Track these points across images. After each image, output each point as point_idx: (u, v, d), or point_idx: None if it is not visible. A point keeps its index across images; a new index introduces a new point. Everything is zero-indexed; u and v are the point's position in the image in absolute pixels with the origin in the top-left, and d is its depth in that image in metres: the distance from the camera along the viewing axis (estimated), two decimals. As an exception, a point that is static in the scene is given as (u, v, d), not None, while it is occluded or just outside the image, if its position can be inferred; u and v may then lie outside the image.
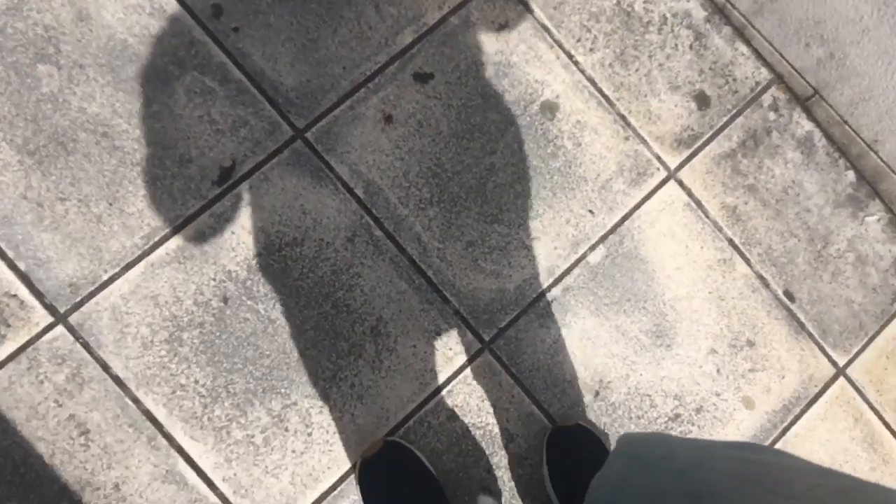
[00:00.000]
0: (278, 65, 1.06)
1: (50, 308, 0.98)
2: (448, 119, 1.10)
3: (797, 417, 1.13)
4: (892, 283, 1.18)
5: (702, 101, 1.16)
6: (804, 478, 0.44)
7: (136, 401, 0.99)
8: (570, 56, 1.14)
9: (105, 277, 1.00)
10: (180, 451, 0.99)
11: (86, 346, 0.98)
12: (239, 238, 1.03)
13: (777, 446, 1.13)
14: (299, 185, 1.05)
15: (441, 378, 1.06)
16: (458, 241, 1.09)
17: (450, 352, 1.06)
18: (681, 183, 1.15)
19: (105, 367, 0.98)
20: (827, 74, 1.11)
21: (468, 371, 1.06)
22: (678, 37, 1.17)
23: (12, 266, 0.97)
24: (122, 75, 1.02)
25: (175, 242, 1.02)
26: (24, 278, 0.97)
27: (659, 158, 1.15)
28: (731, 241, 1.16)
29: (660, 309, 1.12)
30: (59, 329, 0.98)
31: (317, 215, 1.05)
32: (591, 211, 1.12)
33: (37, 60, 1.00)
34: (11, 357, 0.96)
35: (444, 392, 1.06)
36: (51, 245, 0.98)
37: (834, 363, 1.16)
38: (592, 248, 1.12)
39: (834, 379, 1.15)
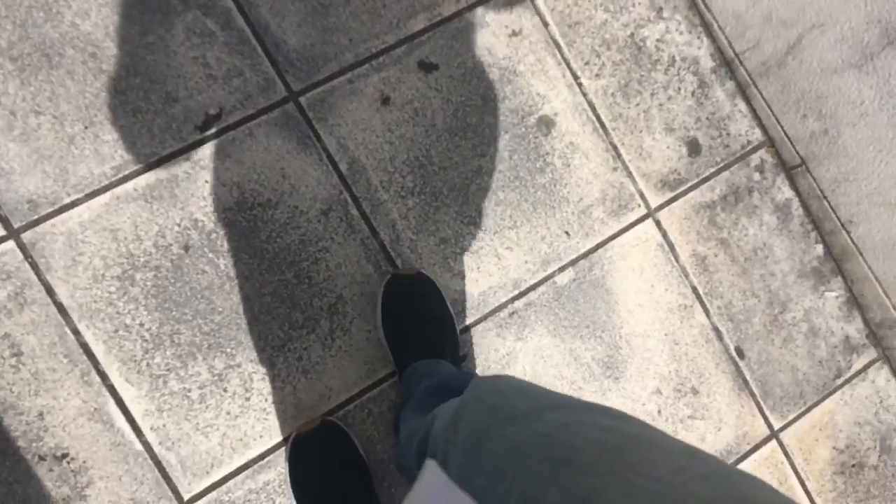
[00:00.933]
0: (285, 22, 1.04)
1: (3, 220, 0.94)
2: (445, 113, 1.10)
3: (724, 471, 1.15)
4: (837, 360, 1.21)
5: (693, 147, 1.18)
6: (669, 458, 0.43)
7: (76, 332, 0.96)
8: (576, 77, 1.15)
9: (67, 201, 0.96)
10: (112, 391, 0.97)
11: (34, 266, 0.95)
12: (212, 189, 1.01)
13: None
14: (283, 148, 1.04)
15: (390, 368, 1.05)
16: (433, 236, 1.08)
17: (402, 344, 1.05)
18: (658, 223, 1.16)
19: (50, 292, 0.95)
20: (817, 148, 1.13)
21: (416, 366, 1.06)
22: (683, 81, 1.18)
23: (-28, 171, 0.93)
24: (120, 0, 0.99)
25: (145, 180, 0.99)
26: (-17, 186, 0.94)
27: (642, 195, 1.16)
28: (694, 289, 1.17)
29: (615, 341, 1.13)
30: (10, 244, 0.94)
31: (295, 181, 1.03)
32: (567, 232, 1.13)
33: (39, -34, 0.96)
34: (-47, 263, 0.92)
35: (389, 383, 1.05)
36: (16, 157, 0.95)
37: (770, 425, 1.18)
38: (562, 269, 1.12)
39: (767, 440, 1.18)
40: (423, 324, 1.00)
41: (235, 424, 1.00)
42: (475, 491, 0.50)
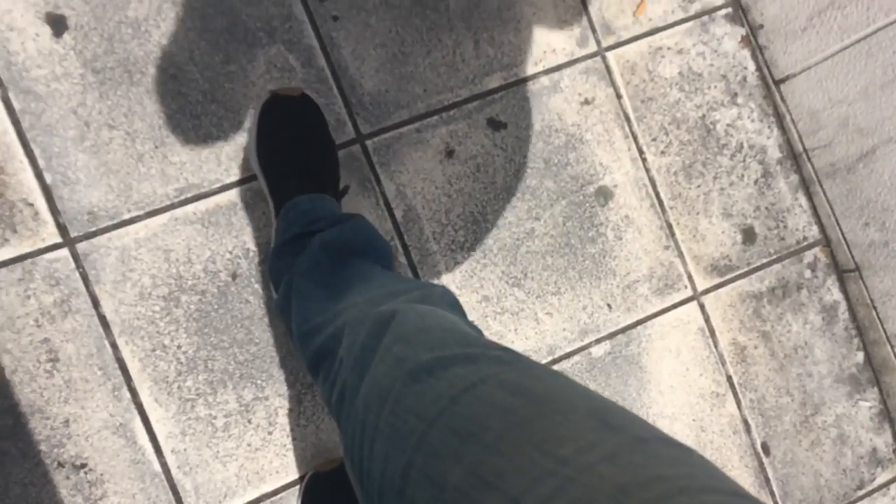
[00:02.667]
0: (364, 66, 1.05)
1: (62, 228, 0.95)
2: (506, 172, 1.09)
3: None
4: (862, 471, 1.20)
5: (748, 236, 1.17)
6: (579, 433, 0.39)
7: (114, 346, 0.96)
8: (641, 152, 1.14)
9: (126, 217, 0.97)
10: (140, 409, 0.97)
11: (84, 277, 0.96)
12: (268, 220, 1.01)
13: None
14: (343, 189, 1.04)
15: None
16: (476, 293, 1.08)
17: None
18: (702, 307, 1.16)
19: (95, 304, 0.96)
20: (874, 258, 1.12)
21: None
22: (747, 168, 1.17)
23: (39, 175, 0.94)
24: (210, 25, 0.99)
25: (206, 205, 0.99)
26: (47, 191, 0.95)
27: (690, 277, 1.15)
28: (729, 378, 1.16)
29: (644, 423, 1.12)
30: (64, 252, 0.95)
31: (350, 223, 1.04)
32: (609, 305, 1.12)
33: (131, -19, 0.97)
34: (7, 263, 0.93)
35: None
36: (84, 167, 0.96)
37: (786, 528, 1.17)
38: (599, 340, 1.12)
39: (781, 543, 1.16)
40: (306, 152, 0.91)
41: (255, 457, 1.01)
42: (374, 459, 0.48)
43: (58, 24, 0.95)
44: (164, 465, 0.98)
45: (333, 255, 0.79)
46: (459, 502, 0.40)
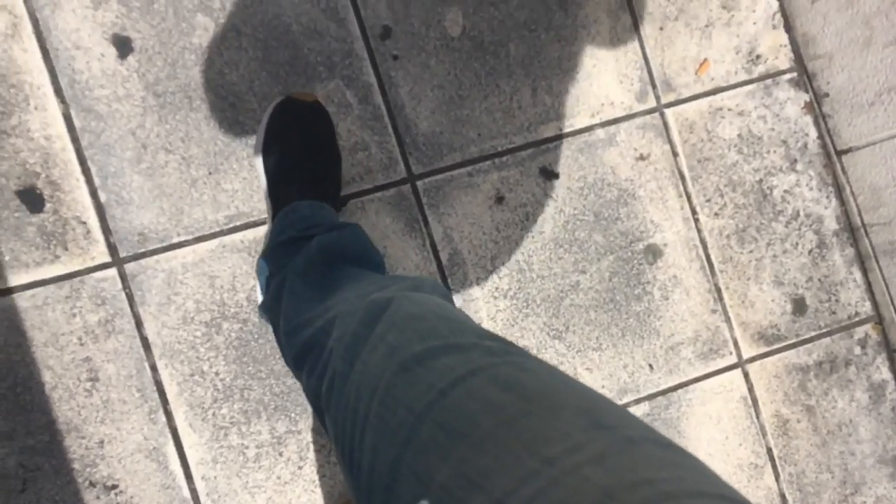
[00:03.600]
0: (420, 106, 1.04)
1: (112, 248, 0.96)
2: (555, 223, 1.08)
3: None
4: (904, 558, 1.15)
5: (799, 306, 1.14)
6: (568, 432, 0.38)
7: (153, 369, 0.97)
8: (694, 212, 1.12)
9: (175, 240, 0.98)
10: (174, 433, 0.97)
11: (130, 298, 0.96)
12: (314, 255, 1.01)
13: None
14: (390, 228, 1.03)
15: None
16: (516, 342, 1.06)
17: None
18: (746, 375, 1.13)
19: (139, 325, 0.96)
20: (931, 339, 1.08)
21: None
22: (802, 237, 1.15)
23: (94, 194, 0.95)
24: (272, 56, 1.00)
25: (254, 234, 1.00)
26: (100, 210, 0.96)
27: (736, 343, 1.12)
28: (769, 451, 1.13)
29: (677, 491, 1.09)
30: (112, 272, 0.96)
31: (395, 262, 1.03)
32: (651, 365, 1.10)
33: (198, 9, 0.98)
34: (56, 279, 0.94)
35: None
36: (138, 189, 0.97)
37: None
38: (638, 401, 1.09)
39: None
40: (310, 158, 0.91)
41: (283, 490, 1.00)
42: (363, 451, 0.47)
43: (123, 46, 0.97)
44: (193, 491, 0.97)
45: (329, 259, 0.79)
46: (445, 502, 0.39)
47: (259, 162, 0.94)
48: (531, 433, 0.39)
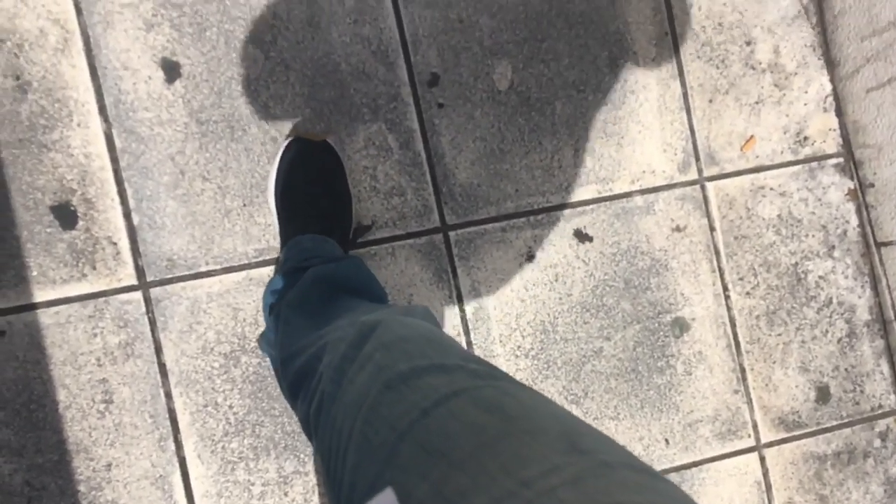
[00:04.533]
0: (460, 156, 1.04)
1: (139, 271, 0.95)
2: (584, 286, 1.07)
3: None
4: None
5: (822, 394, 1.12)
6: (546, 454, 0.39)
7: (168, 396, 0.96)
8: (726, 289, 1.10)
9: (203, 269, 0.97)
10: (182, 463, 0.96)
11: (152, 322, 0.96)
12: (340, 297, 1.00)
13: None
14: (418, 276, 1.02)
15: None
16: (532, 404, 1.05)
17: None
18: (763, 459, 1.10)
19: (158, 351, 0.96)
20: (956, 445, 1.06)
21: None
22: (833, 325, 1.13)
23: (127, 215, 0.95)
24: (318, 94, 1.00)
25: (281, 270, 0.99)
26: (132, 232, 0.95)
27: (755, 426, 1.10)
28: (778, 538, 1.11)
29: (682, 572, 1.07)
30: (137, 295, 0.95)
31: (419, 312, 1.02)
32: (667, 440, 1.08)
33: (250, 41, 0.98)
34: (81, 298, 0.94)
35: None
36: (172, 214, 0.96)
37: None
38: (649, 475, 1.07)
39: None
40: (317, 195, 0.93)
41: (285, 531, 0.99)
42: (346, 469, 0.47)
43: (171, 71, 0.96)
44: (191, 523, 0.96)
45: (324, 289, 0.80)
46: None
47: (270, 198, 0.95)
48: (509, 455, 0.39)
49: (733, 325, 1.10)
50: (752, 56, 1.11)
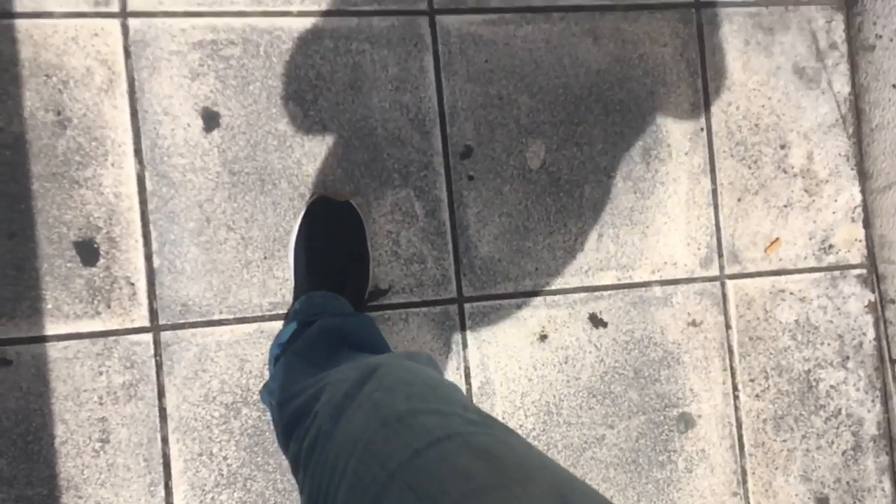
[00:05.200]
0: (484, 230, 1.04)
1: (153, 313, 0.95)
2: (593, 371, 1.06)
3: None
4: None
5: (822, 506, 1.10)
6: None
7: (164, 441, 0.95)
8: (736, 389, 1.09)
9: (216, 317, 0.97)
10: (170, 510, 0.95)
11: (159, 366, 0.95)
12: (349, 359, 1.00)
13: None
14: (429, 344, 1.02)
15: None
16: (529, 486, 1.03)
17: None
18: (755, 566, 1.09)
19: (160, 395, 0.95)
20: (955, 577, 1.04)
21: None
22: (839, 436, 1.11)
23: (149, 257, 0.95)
24: (351, 155, 1.00)
25: (294, 326, 0.98)
26: (151, 274, 0.95)
27: (751, 531, 1.09)
28: None
29: None
30: (147, 337, 0.95)
31: (426, 382, 1.01)
32: (660, 536, 1.06)
33: (291, 97, 0.99)
34: (92, 335, 0.94)
35: None
36: (192, 260, 0.96)
37: None
38: (639, 570, 1.06)
39: None
40: (334, 254, 0.93)
41: (266, 589, 0.97)
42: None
43: (211, 120, 0.97)
44: (173, 572, 0.95)
45: (331, 341, 0.80)
46: None
47: (291, 253, 0.96)
48: None
49: (739, 427, 1.09)
50: (786, 160, 1.11)
